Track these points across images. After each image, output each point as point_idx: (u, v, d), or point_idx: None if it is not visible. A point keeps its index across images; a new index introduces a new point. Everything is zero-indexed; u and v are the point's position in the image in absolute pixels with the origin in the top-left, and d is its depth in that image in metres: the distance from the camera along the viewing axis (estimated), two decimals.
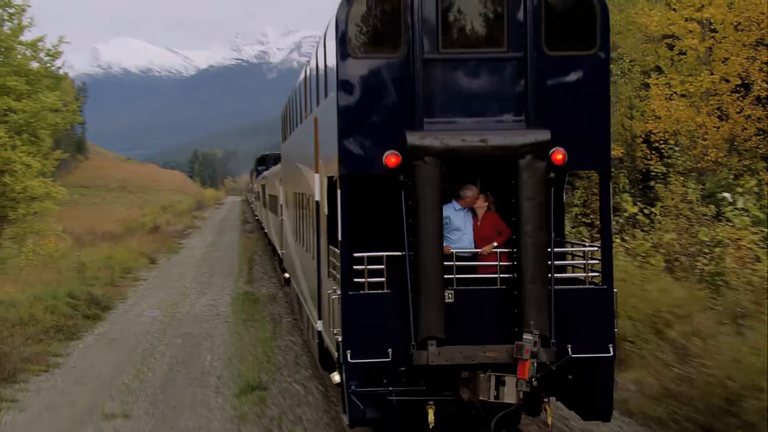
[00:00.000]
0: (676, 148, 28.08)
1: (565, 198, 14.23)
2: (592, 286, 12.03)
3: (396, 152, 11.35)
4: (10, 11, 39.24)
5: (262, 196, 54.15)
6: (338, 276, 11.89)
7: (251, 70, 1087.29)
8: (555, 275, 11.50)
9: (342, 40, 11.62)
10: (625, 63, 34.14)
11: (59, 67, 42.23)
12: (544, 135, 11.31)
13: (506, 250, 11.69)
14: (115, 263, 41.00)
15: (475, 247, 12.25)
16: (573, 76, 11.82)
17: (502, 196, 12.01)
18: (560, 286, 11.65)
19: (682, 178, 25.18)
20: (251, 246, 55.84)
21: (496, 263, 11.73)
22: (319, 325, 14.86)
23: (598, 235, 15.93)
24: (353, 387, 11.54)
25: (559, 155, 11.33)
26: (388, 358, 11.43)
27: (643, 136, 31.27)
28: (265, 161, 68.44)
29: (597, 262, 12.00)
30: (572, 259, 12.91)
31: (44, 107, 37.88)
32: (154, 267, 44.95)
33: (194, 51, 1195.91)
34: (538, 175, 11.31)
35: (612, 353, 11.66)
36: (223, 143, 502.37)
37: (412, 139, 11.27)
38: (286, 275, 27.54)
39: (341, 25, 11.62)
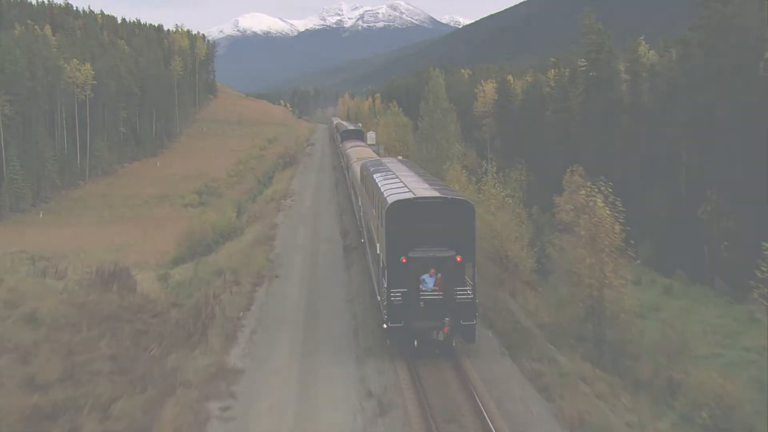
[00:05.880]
0: None
1: None
2: (469, 299, 17.16)
3: (405, 257, 17.06)
4: None
5: (346, 162, 51.33)
6: (385, 297, 17.51)
7: (332, 32, 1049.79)
8: (457, 296, 17.18)
9: (386, 223, 17.78)
10: None
11: None
12: (452, 252, 17.28)
13: (441, 287, 17.19)
14: None
15: (434, 287, 17.20)
16: (462, 234, 17.40)
17: (443, 271, 17.31)
18: (458, 299, 17.08)
19: None
20: None
21: (440, 291, 17.19)
22: (377, 291, 19.64)
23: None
24: (389, 333, 17.37)
25: (458, 258, 17.23)
26: (401, 324, 17.06)
27: None
28: (347, 133, 72.73)
29: (471, 289, 17.41)
30: (465, 290, 17.46)
31: None
32: None
33: (296, 20, 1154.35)
34: (451, 265, 17.39)
35: (474, 322, 17.33)
36: (314, 80, 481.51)
37: (410, 254, 17.19)
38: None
39: (388, 218, 17.72)
